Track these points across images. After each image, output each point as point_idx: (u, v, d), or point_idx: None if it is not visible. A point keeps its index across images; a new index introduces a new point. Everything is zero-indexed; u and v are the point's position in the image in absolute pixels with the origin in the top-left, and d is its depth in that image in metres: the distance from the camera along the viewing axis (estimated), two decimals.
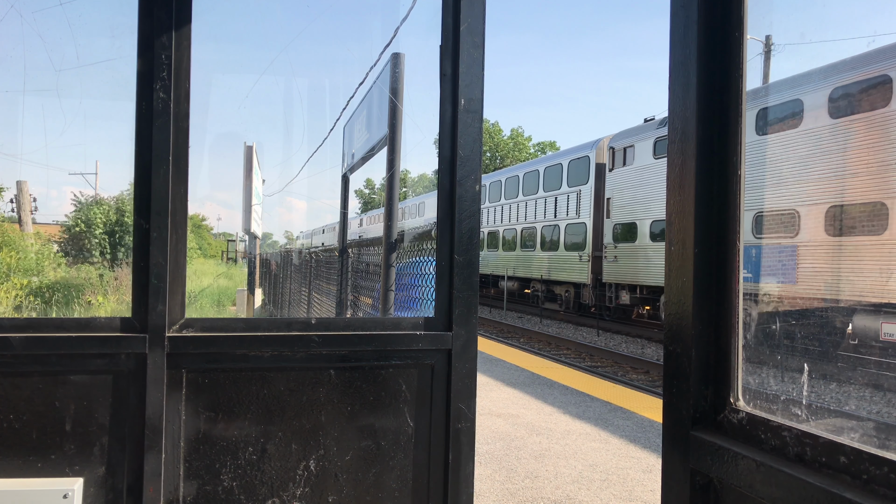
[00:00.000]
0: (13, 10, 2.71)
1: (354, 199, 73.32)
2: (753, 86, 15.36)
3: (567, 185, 23.28)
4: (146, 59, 2.16)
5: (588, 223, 21.82)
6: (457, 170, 2.28)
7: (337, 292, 7.09)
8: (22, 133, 31.66)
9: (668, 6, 1.45)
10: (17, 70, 4.48)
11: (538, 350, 15.61)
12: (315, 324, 2.28)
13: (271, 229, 77.14)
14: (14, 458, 2.10)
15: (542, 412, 7.13)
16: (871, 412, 9.69)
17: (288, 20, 22.28)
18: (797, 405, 1.47)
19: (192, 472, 2.19)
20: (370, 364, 2.26)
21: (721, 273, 1.36)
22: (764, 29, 17.73)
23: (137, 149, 2.18)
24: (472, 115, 2.29)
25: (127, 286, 15.67)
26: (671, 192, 1.44)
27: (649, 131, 18.81)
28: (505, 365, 10.01)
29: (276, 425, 2.22)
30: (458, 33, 2.27)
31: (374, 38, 6.91)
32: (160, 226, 2.17)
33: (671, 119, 1.44)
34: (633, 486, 4.97)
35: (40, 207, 38.43)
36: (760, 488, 1.19)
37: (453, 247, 2.29)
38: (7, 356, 2.08)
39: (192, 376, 2.19)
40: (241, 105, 25.09)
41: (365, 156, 5.68)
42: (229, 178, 65.43)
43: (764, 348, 1.66)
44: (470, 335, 2.30)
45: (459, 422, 2.29)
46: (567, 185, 23.29)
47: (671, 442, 1.42)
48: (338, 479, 2.25)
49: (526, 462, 5.47)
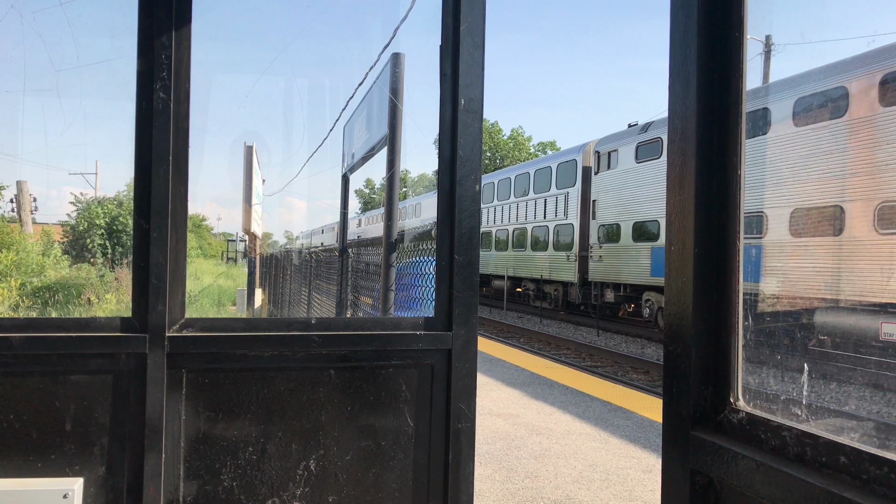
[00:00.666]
0: (13, 10, 2.71)
1: (354, 199, 73.38)
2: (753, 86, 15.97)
3: (556, 188, 23.75)
4: (146, 59, 2.16)
5: (575, 224, 22.29)
6: (457, 170, 2.28)
7: (337, 292, 7.09)
8: (22, 133, 31.64)
9: (668, 6, 1.45)
10: (17, 70, 4.48)
11: (538, 350, 15.61)
12: (315, 324, 2.28)
13: (271, 229, 77.12)
14: (14, 457, 2.10)
15: (542, 412, 7.13)
16: (871, 412, 9.69)
17: (288, 20, 22.25)
18: (797, 405, 1.47)
19: (192, 472, 2.19)
20: (370, 364, 2.26)
21: (721, 273, 1.36)
22: (764, 29, 17.64)
23: (137, 149, 2.18)
24: (472, 115, 2.29)
25: (127, 286, 15.68)
26: (671, 191, 1.44)
27: (632, 136, 19.14)
28: (505, 365, 10.01)
29: (276, 425, 2.22)
30: (458, 33, 2.27)
31: (373, 38, 6.91)
32: (160, 226, 2.17)
33: (671, 119, 1.44)
34: (633, 486, 4.97)
35: (40, 207, 38.43)
36: (760, 488, 1.19)
37: (453, 247, 2.29)
38: (7, 356, 2.08)
39: (192, 376, 2.19)
40: (241, 105, 25.10)
41: (365, 156, 5.68)
42: (229, 178, 65.39)
43: (764, 348, 1.66)
44: (470, 335, 2.30)
45: (459, 422, 2.29)
46: (556, 187, 23.76)
47: (671, 442, 1.42)
48: (338, 479, 2.25)
49: (526, 462, 5.47)
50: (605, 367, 14.09)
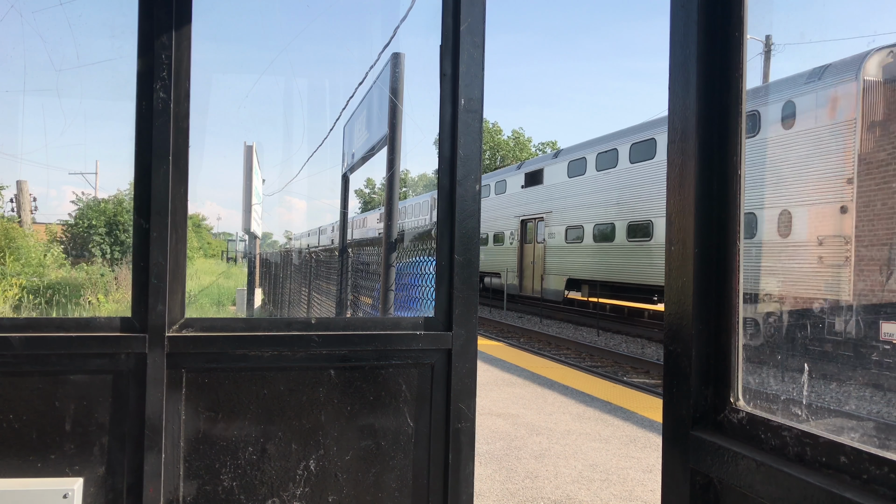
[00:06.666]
0: (13, 10, 2.71)
1: (354, 198, 73.37)
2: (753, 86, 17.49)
3: (503, 195, 28.32)
4: (146, 59, 2.16)
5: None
6: (457, 170, 2.28)
7: (337, 292, 7.09)
8: (22, 133, 31.63)
9: (668, 6, 1.45)
10: (17, 70, 4.48)
11: (538, 350, 15.60)
12: (315, 324, 2.28)
13: (271, 229, 77.13)
14: (14, 458, 2.10)
15: (542, 412, 7.13)
16: (871, 412, 9.69)
17: (288, 20, 22.21)
18: (797, 405, 1.48)
19: (192, 472, 2.19)
20: (370, 364, 2.26)
21: (721, 273, 1.36)
22: (764, 29, 17.82)
23: (137, 149, 2.18)
24: (472, 115, 2.29)
25: (127, 286, 15.67)
26: (671, 191, 1.44)
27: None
28: (505, 365, 10.01)
29: (275, 425, 2.22)
30: (458, 33, 2.27)
31: (373, 38, 6.91)
32: (160, 226, 2.17)
33: (671, 119, 1.44)
34: (633, 486, 4.97)
35: (40, 207, 38.46)
36: (760, 488, 1.19)
37: (453, 246, 2.29)
38: (7, 356, 2.08)
39: (192, 376, 2.19)
40: (241, 105, 25.15)
41: (365, 155, 5.68)
42: (229, 178, 65.40)
43: (764, 348, 1.66)
44: (470, 335, 2.30)
45: (459, 422, 2.29)
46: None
47: (671, 442, 1.42)
48: (338, 479, 2.25)
49: (526, 462, 5.47)
50: (605, 367, 14.08)
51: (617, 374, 13.21)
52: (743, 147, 1.33)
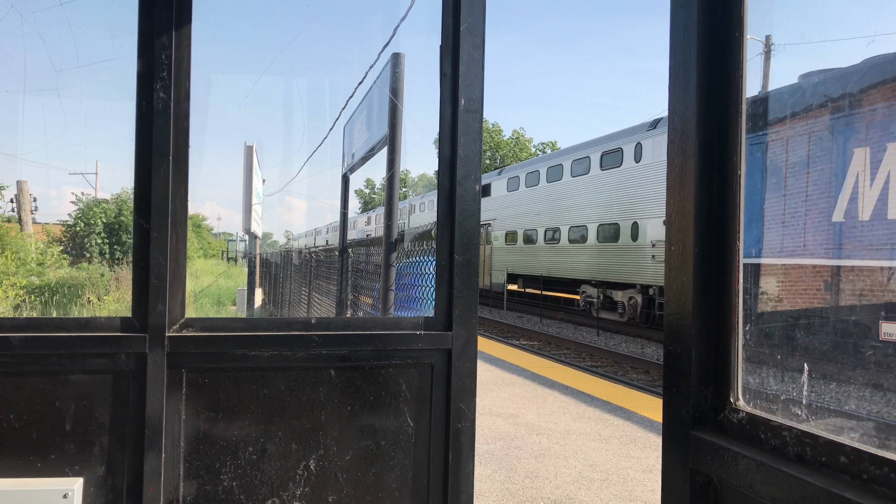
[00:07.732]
0: (13, 10, 2.71)
1: (354, 198, 73.34)
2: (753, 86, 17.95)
3: None
4: (146, 59, 2.16)
5: None
6: (457, 170, 2.28)
7: (337, 292, 7.09)
8: (22, 133, 31.64)
9: (668, 6, 1.45)
10: (17, 70, 4.48)
11: (538, 350, 15.60)
12: (315, 323, 2.28)
13: (271, 229, 77.15)
14: (14, 457, 2.10)
15: (542, 412, 7.13)
16: (871, 412, 9.69)
17: (288, 20, 22.24)
18: (797, 405, 1.48)
19: (192, 472, 2.19)
20: (370, 364, 2.26)
21: (721, 273, 1.36)
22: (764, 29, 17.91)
23: (137, 149, 2.18)
24: (472, 115, 2.29)
25: (127, 286, 15.68)
26: (671, 191, 1.44)
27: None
28: (505, 365, 10.01)
29: (276, 425, 2.22)
30: (458, 33, 2.27)
31: (373, 38, 6.91)
32: (160, 226, 2.17)
33: (671, 119, 1.44)
34: (633, 486, 4.97)
35: (40, 207, 38.46)
36: (760, 488, 1.19)
37: (453, 246, 2.29)
38: (7, 356, 2.08)
39: (192, 376, 2.19)
40: (241, 105, 25.17)
41: (365, 156, 5.68)
42: (229, 178, 65.46)
43: (764, 348, 1.66)
44: (470, 335, 2.30)
45: (459, 421, 2.29)
46: None
47: (671, 442, 1.42)
48: (338, 479, 2.25)
49: (526, 462, 5.47)
50: (605, 367, 14.08)
51: (617, 373, 13.21)
52: (743, 147, 1.34)
